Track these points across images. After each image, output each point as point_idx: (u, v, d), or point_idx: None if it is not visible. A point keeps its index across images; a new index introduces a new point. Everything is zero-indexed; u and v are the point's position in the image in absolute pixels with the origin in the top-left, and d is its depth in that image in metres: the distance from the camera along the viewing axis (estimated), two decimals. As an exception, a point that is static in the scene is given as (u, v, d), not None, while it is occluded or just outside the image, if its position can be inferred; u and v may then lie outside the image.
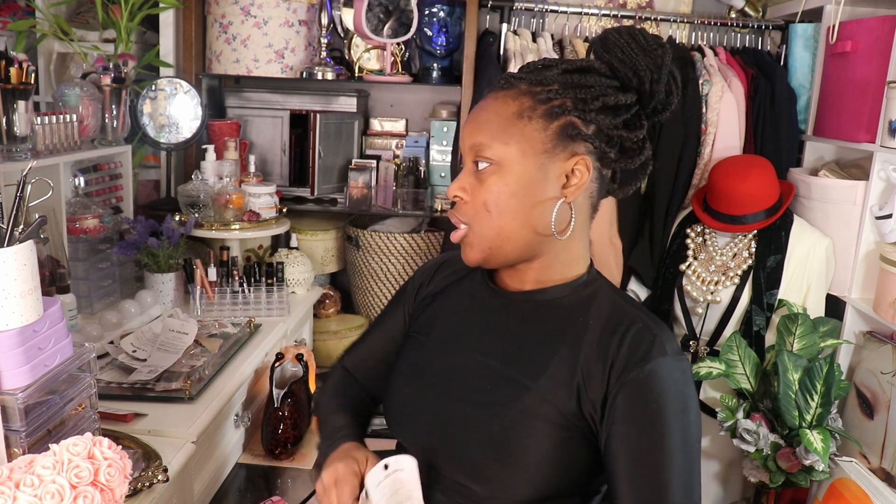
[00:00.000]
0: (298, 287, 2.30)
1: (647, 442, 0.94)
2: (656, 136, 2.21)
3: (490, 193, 0.99)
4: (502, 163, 0.99)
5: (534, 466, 0.97)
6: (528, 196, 1.00)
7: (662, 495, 0.93)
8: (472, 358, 1.06)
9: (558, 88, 1.00)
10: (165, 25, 2.41)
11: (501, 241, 1.01)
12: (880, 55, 1.92)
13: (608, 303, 1.04)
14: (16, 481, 0.87)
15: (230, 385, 1.60)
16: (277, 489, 1.60)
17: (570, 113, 0.99)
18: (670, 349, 0.97)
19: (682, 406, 0.96)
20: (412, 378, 1.11)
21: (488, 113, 1.02)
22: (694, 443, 0.97)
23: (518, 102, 1.00)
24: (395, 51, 2.50)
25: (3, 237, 1.01)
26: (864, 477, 1.74)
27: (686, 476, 0.95)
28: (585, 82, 1.00)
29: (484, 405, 1.01)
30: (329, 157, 2.53)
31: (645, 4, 2.60)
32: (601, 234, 2.23)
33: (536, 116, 0.99)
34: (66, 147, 1.83)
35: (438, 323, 1.13)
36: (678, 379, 0.96)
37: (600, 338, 0.99)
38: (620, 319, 1.00)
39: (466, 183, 1.02)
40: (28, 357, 1.03)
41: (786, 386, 1.85)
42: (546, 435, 0.97)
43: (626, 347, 0.97)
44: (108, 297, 1.97)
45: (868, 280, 1.98)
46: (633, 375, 0.95)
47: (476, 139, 1.01)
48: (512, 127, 0.99)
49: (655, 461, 0.94)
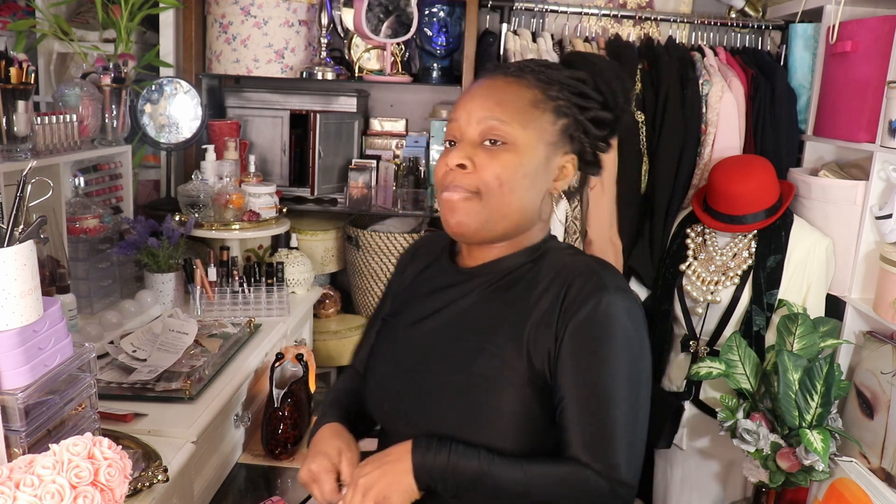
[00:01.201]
0: (298, 287, 2.30)
1: (590, 375, 0.99)
2: (656, 136, 2.21)
3: (505, 169, 1.04)
4: (518, 143, 1.05)
5: (503, 427, 1.02)
6: (534, 180, 1.07)
7: (605, 428, 0.98)
8: (438, 333, 1.12)
9: (562, 91, 1.08)
10: (165, 25, 2.42)
11: (500, 216, 1.07)
12: (880, 55, 1.92)
13: (557, 259, 1.10)
14: (16, 481, 0.87)
15: (230, 385, 1.60)
16: (277, 489, 1.60)
17: (571, 115, 1.09)
18: (612, 286, 1.02)
19: (625, 340, 1.00)
20: (386, 360, 1.17)
21: (505, 94, 1.07)
22: (638, 375, 1.01)
23: (532, 92, 1.07)
24: (395, 51, 2.50)
25: (3, 237, 1.01)
26: (864, 477, 1.74)
27: (631, 412, 0.99)
28: (585, 92, 1.09)
29: (451, 375, 1.07)
30: (329, 157, 2.53)
31: (645, 4, 2.60)
32: (601, 234, 2.23)
33: (548, 110, 1.07)
34: (66, 147, 1.83)
35: (407, 307, 1.20)
36: (620, 313, 1.01)
37: (548, 291, 1.05)
38: (567, 270, 1.06)
39: (473, 154, 1.05)
40: (28, 357, 1.03)
41: (786, 386, 1.85)
42: (510, 397, 1.02)
43: (571, 292, 1.02)
44: (108, 297, 1.97)
45: (868, 280, 1.98)
46: (577, 315, 1.01)
47: (494, 114, 1.05)
48: (529, 113, 1.06)
49: (597, 394, 0.99)
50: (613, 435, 0.98)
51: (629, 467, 0.99)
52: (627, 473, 0.98)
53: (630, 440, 0.99)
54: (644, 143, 2.21)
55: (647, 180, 2.24)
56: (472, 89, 1.10)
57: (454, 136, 1.09)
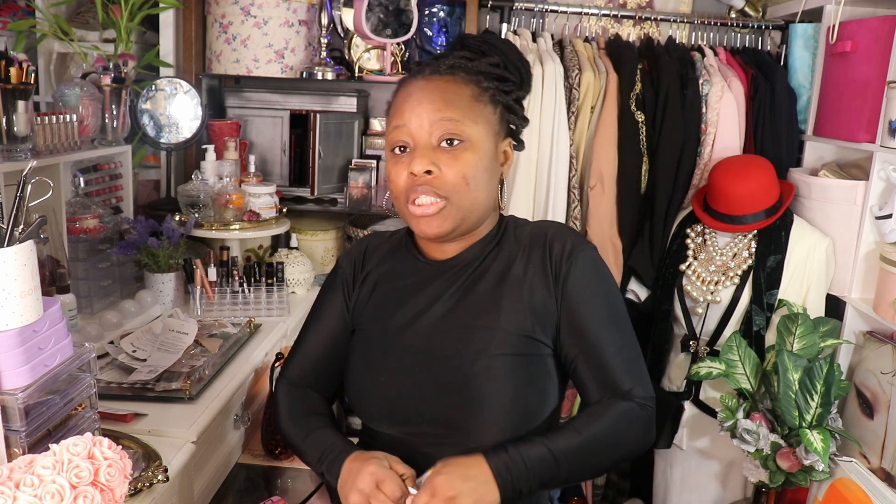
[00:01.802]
0: (298, 287, 2.30)
1: (586, 323, 1.11)
2: (656, 136, 2.21)
3: (469, 167, 1.08)
4: (473, 139, 1.09)
5: (502, 404, 1.06)
6: (492, 171, 1.13)
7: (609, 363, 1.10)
8: (427, 328, 1.13)
9: (489, 80, 1.13)
10: (165, 25, 2.41)
11: (472, 211, 1.11)
12: (880, 55, 1.92)
13: (521, 231, 1.18)
14: (16, 481, 0.87)
15: (230, 385, 1.60)
16: (277, 489, 1.60)
17: (501, 101, 1.14)
18: (581, 241, 1.16)
19: (605, 283, 1.15)
20: (376, 367, 1.15)
21: (448, 93, 1.09)
22: (620, 310, 1.15)
23: (469, 88, 1.10)
24: (395, 51, 2.50)
25: (3, 237, 1.01)
26: (864, 477, 1.74)
27: (623, 340, 1.12)
28: (505, 76, 1.14)
29: (451, 363, 1.09)
30: (329, 157, 2.53)
31: (645, 4, 2.60)
32: (601, 234, 2.23)
33: (486, 101, 1.12)
34: (66, 147, 1.83)
35: (383, 312, 1.19)
36: (595, 265, 1.14)
37: (530, 259, 1.14)
38: (534, 236, 1.16)
39: (434, 158, 1.07)
40: (28, 357, 1.03)
41: (786, 386, 1.85)
42: (512, 369, 1.07)
43: (553, 254, 1.13)
44: (108, 297, 1.97)
45: (868, 280, 1.98)
46: (568, 272, 1.11)
47: (446, 114, 1.07)
48: (474, 108, 1.09)
49: (595, 338, 1.10)
50: (619, 371, 1.09)
51: (643, 386, 1.12)
52: (643, 390, 1.11)
53: (633, 366, 1.11)
54: (644, 143, 2.21)
55: (647, 180, 2.24)
56: (412, 92, 1.10)
57: (403, 142, 1.09)
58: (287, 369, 1.28)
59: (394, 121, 1.11)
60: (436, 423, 1.09)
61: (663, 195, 2.22)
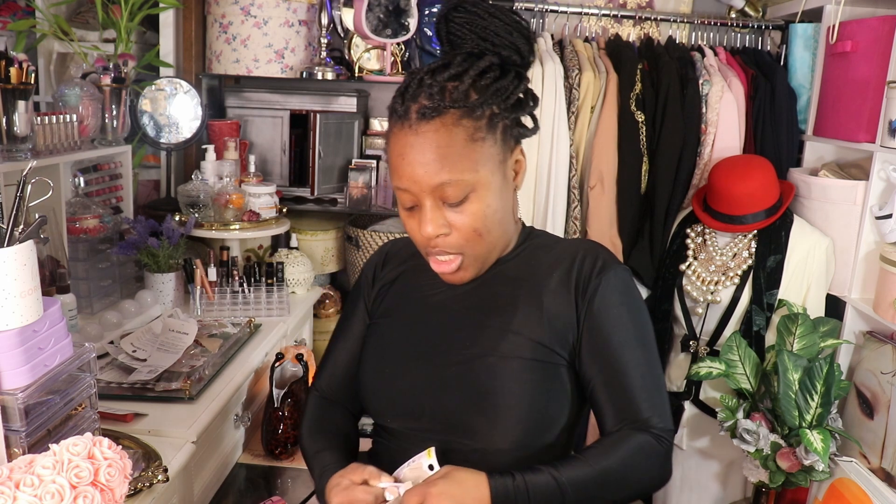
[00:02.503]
0: (298, 287, 2.30)
1: (609, 345, 1.07)
2: (656, 136, 2.21)
3: (478, 219, 1.03)
4: (477, 188, 1.02)
5: (513, 407, 1.03)
6: (504, 204, 1.07)
7: (630, 387, 1.06)
8: (441, 325, 1.12)
9: (479, 99, 1.01)
10: (165, 25, 2.41)
11: (492, 251, 1.09)
12: (880, 55, 1.92)
13: (549, 244, 1.16)
14: (16, 481, 0.87)
15: (230, 385, 1.60)
16: (277, 489, 1.60)
17: (503, 116, 1.03)
18: (614, 261, 1.11)
19: (634, 306, 1.10)
20: (386, 359, 1.14)
21: (440, 149, 0.99)
22: (647, 335, 1.11)
23: (461, 128, 0.99)
24: (395, 51, 2.50)
25: (3, 237, 1.01)
26: (864, 477, 1.74)
27: (647, 365, 1.08)
28: (496, 86, 1.02)
29: (462, 362, 1.07)
30: (329, 157, 2.53)
31: (645, 4, 2.60)
32: (601, 234, 2.23)
33: (485, 134, 1.01)
34: (66, 147, 1.83)
35: (400, 306, 1.18)
36: (625, 286, 1.10)
37: (556, 270, 1.10)
38: (566, 251, 1.13)
39: (443, 219, 1.03)
40: (28, 357, 1.03)
41: (786, 386, 1.85)
42: (523, 374, 1.04)
43: (583, 270, 1.09)
44: (108, 297, 1.97)
45: (868, 280, 1.98)
46: (595, 290, 1.07)
47: (442, 175, 0.99)
48: (472, 153, 1.00)
49: (617, 360, 1.06)
50: (639, 397, 1.05)
51: (662, 416, 1.07)
52: (662, 421, 1.06)
53: (654, 393, 1.07)
54: (644, 143, 2.21)
55: (647, 180, 2.24)
56: (404, 152, 1.01)
57: (410, 202, 1.04)
58: (318, 380, 1.27)
59: (394, 180, 1.04)
60: (440, 419, 1.07)
61: (663, 195, 2.22)
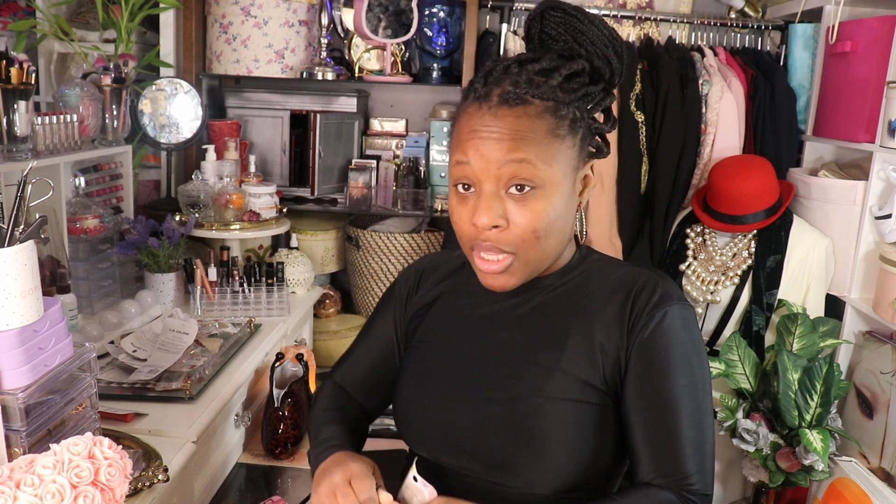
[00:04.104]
0: (298, 287, 2.30)
1: (660, 391, 0.96)
2: (656, 136, 2.21)
3: (540, 219, 0.94)
4: (546, 185, 0.94)
5: (559, 451, 0.96)
6: (568, 213, 0.99)
7: (675, 444, 0.95)
8: (484, 356, 1.04)
9: (565, 99, 0.95)
10: (165, 25, 2.42)
11: (542, 261, 1.00)
12: (880, 55, 1.92)
13: (606, 270, 1.05)
14: (16, 481, 0.88)
15: (230, 385, 1.60)
16: (277, 489, 1.60)
17: (581, 123, 0.97)
18: (676, 296, 1.00)
19: (689, 350, 0.98)
20: (427, 388, 1.07)
21: (520, 129, 0.93)
22: (703, 383, 0.99)
23: (545, 120, 0.94)
24: (395, 51, 2.50)
25: (4, 237, 1.01)
26: (863, 477, 1.74)
27: (696, 416, 0.96)
28: (585, 90, 0.98)
29: (507, 399, 0.99)
30: (329, 157, 2.53)
31: (645, 4, 2.60)
32: (601, 234, 2.23)
33: (565, 134, 0.95)
34: (67, 147, 1.83)
35: (440, 330, 1.11)
36: (684, 325, 0.98)
37: (610, 301, 1.00)
38: (624, 280, 1.02)
39: (502, 209, 0.94)
40: (28, 357, 1.03)
41: (785, 386, 1.85)
42: (570, 416, 0.97)
43: (637, 303, 0.99)
44: (109, 297, 1.97)
45: (868, 280, 1.98)
46: (645, 329, 0.97)
47: (516, 155, 0.92)
48: (549, 146, 0.94)
49: (665, 410, 0.95)
50: (682, 449, 0.95)
51: (703, 478, 0.96)
52: (702, 483, 0.95)
53: (700, 450, 0.96)
54: (644, 143, 2.21)
55: (647, 180, 2.25)
56: (477, 128, 0.94)
57: (467, 179, 0.96)
58: (335, 372, 1.23)
59: (456, 154, 0.97)
60: (482, 458, 1.00)
61: (663, 195, 2.22)
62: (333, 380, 1.22)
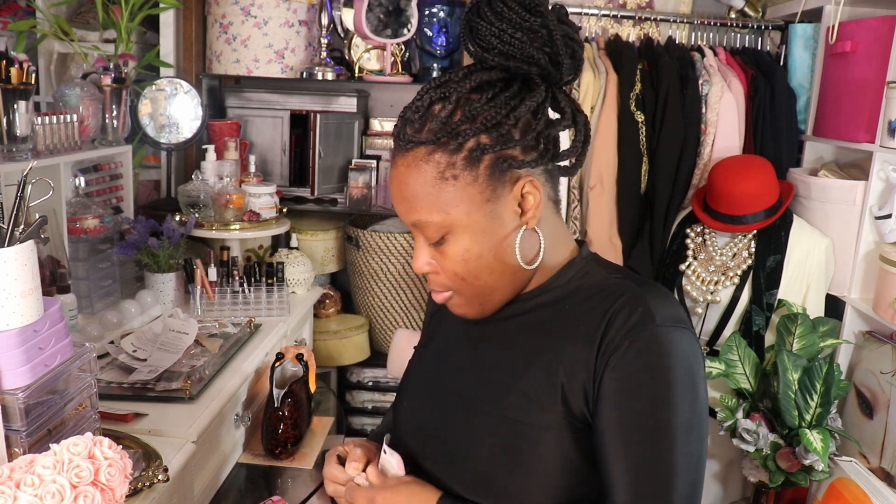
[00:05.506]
0: (298, 287, 2.30)
1: (637, 419, 0.85)
2: (656, 136, 2.21)
3: (457, 263, 0.93)
4: (452, 229, 0.91)
5: (542, 474, 0.91)
6: (492, 246, 0.92)
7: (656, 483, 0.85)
8: (469, 370, 1.02)
9: (463, 126, 0.88)
10: (165, 25, 2.42)
11: (487, 294, 0.96)
12: (880, 55, 1.92)
13: (596, 283, 0.96)
14: (16, 481, 0.88)
15: (230, 385, 1.60)
16: (277, 489, 1.60)
17: (491, 148, 0.88)
18: (660, 317, 0.87)
19: (670, 378, 0.85)
20: (414, 393, 1.10)
21: (409, 187, 0.91)
22: (671, 415, 0.85)
23: (432, 164, 0.89)
24: (395, 51, 2.50)
25: (4, 237, 1.01)
26: (863, 477, 1.74)
27: (684, 458, 0.85)
28: (487, 106, 0.88)
29: (488, 416, 0.96)
30: (329, 157, 2.53)
31: (645, 4, 2.60)
32: (601, 234, 2.23)
33: (459, 171, 0.88)
34: (67, 147, 1.83)
35: (436, 337, 1.12)
36: (665, 351, 0.86)
37: (586, 321, 0.91)
38: (606, 296, 0.92)
39: (429, 255, 0.96)
40: (28, 357, 1.03)
41: (785, 386, 1.85)
42: (546, 443, 0.91)
43: (613, 326, 0.88)
44: (109, 297, 1.97)
45: (868, 280, 1.98)
46: (619, 350, 0.86)
47: (413, 217, 0.92)
48: (441, 193, 0.89)
49: (645, 440, 0.85)
50: (665, 489, 0.85)
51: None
52: None
53: (687, 493, 0.86)
54: (644, 143, 2.21)
55: (647, 180, 2.25)
56: (391, 184, 0.95)
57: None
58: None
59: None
60: (436, 463, 1.01)
61: (663, 195, 2.22)
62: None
